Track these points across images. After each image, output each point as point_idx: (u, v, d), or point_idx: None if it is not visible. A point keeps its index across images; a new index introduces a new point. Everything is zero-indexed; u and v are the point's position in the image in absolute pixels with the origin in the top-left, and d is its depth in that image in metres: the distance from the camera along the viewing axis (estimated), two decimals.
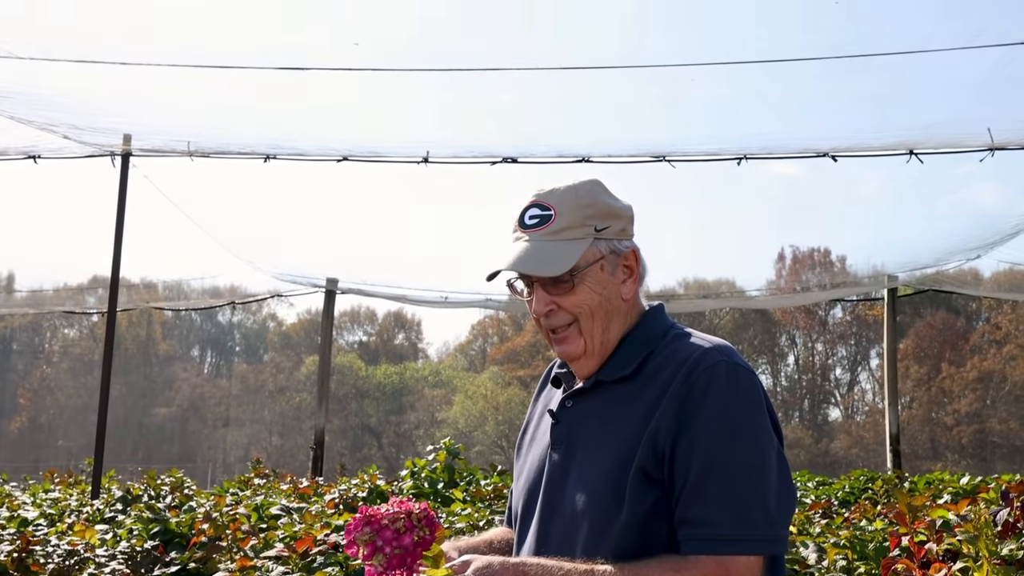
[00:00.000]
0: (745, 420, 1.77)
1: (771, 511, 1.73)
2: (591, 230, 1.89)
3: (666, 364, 1.85)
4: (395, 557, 1.58)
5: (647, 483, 1.76)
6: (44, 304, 17.09)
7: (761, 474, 1.74)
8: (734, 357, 1.84)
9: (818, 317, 44.62)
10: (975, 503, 4.24)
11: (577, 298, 1.89)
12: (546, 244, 1.87)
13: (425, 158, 9.30)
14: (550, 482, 1.91)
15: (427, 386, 49.42)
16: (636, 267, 1.95)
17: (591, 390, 1.94)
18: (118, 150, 9.22)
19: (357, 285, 13.00)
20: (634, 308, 1.97)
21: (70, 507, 7.50)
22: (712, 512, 1.70)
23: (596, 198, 1.92)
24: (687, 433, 1.74)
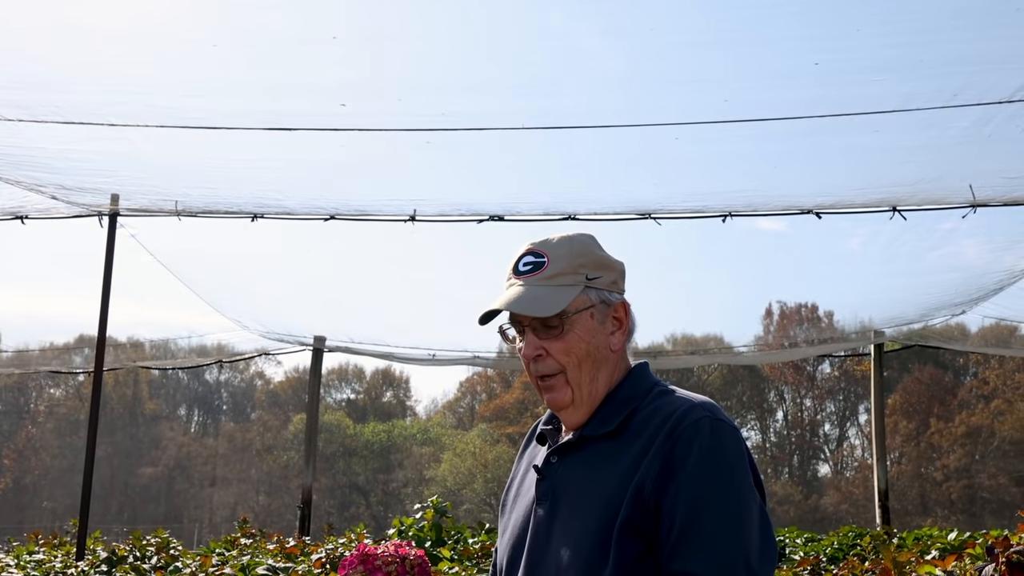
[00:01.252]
0: (728, 475, 1.80)
1: (753, 565, 1.75)
2: (583, 278, 1.94)
3: (651, 420, 1.87)
4: None
5: (632, 536, 1.78)
6: (30, 364, 17.00)
7: (743, 528, 1.77)
8: (717, 413, 1.86)
9: (806, 372, 44.68)
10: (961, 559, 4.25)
11: (566, 344, 1.92)
12: (538, 288, 1.92)
13: (412, 216, 9.37)
14: (535, 537, 1.93)
15: (415, 444, 49.15)
16: (625, 320, 1.99)
17: (576, 445, 1.96)
18: (105, 210, 9.27)
19: (344, 343, 12.99)
20: (621, 363, 2.01)
21: (55, 569, 7.42)
22: (695, 564, 1.72)
23: (589, 249, 1.99)
24: (671, 487, 1.77)
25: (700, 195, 9.01)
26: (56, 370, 17.93)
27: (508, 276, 2.00)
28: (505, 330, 2.01)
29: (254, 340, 13.52)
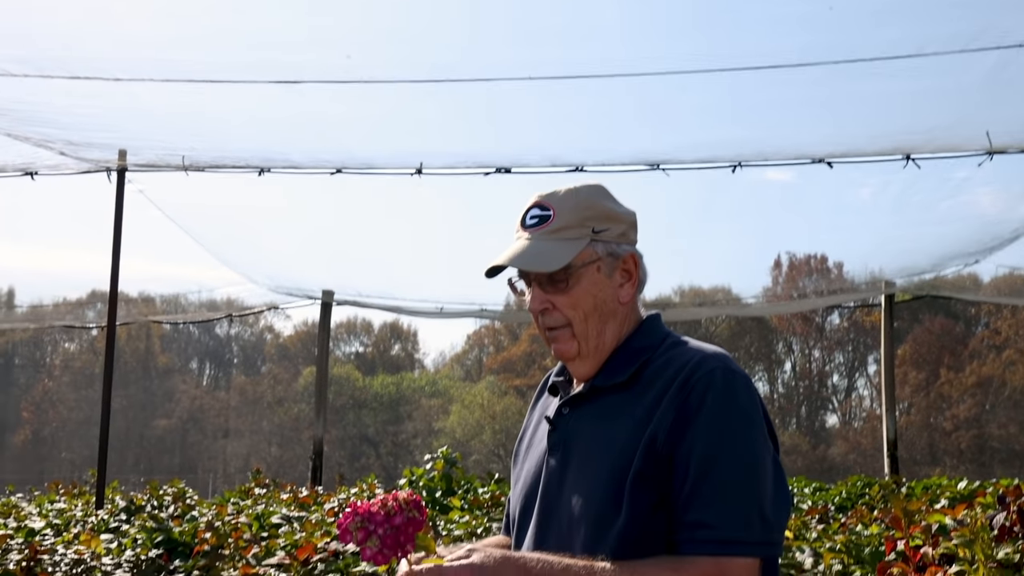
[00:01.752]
0: (742, 426, 1.80)
1: (767, 515, 1.76)
2: (588, 231, 1.92)
3: (663, 371, 1.87)
4: (388, 536, 1.63)
5: (645, 488, 1.78)
6: (44, 319, 17.10)
7: (757, 479, 1.78)
8: (730, 364, 1.86)
9: (815, 323, 44.64)
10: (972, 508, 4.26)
11: (572, 298, 1.92)
12: (543, 242, 1.91)
13: (419, 169, 9.34)
14: (547, 488, 1.93)
15: (424, 396, 49.43)
16: (635, 271, 1.98)
17: (587, 397, 1.96)
18: (113, 165, 9.26)
19: (353, 297, 13.02)
20: (632, 314, 2.00)
21: (75, 517, 7.53)
22: (709, 515, 1.73)
23: (596, 201, 1.96)
24: (685, 438, 1.77)
25: (709, 145, 8.95)
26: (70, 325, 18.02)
27: (516, 228, 1.99)
28: (514, 283, 2.01)
29: (263, 294, 13.57)
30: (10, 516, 7.28)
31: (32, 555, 4.53)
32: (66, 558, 4.57)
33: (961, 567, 3.52)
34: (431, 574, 1.67)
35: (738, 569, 1.72)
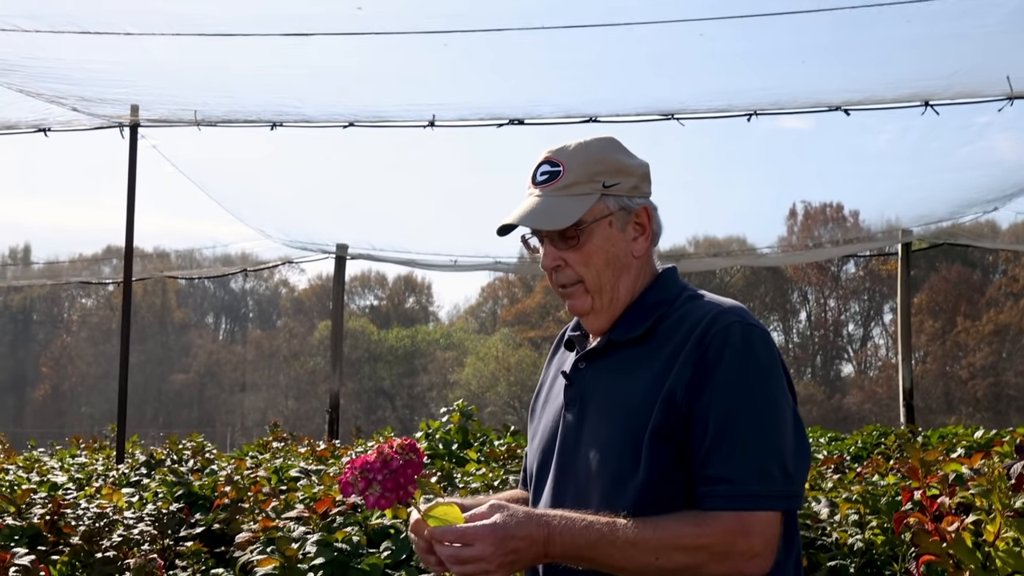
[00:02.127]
0: (761, 379, 1.79)
1: (788, 467, 1.76)
2: (599, 186, 1.90)
3: (679, 325, 1.86)
4: (388, 481, 1.65)
5: (664, 443, 1.78)
6: (61, 275, 17.20)
7: (778, 432, 1.77)
8: (748, 318, 1.85)
9: (831, 273, 44.51)
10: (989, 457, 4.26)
11: (584, 254, 1.91)
12: (553, 199, 1.90)
13: (431, 121, 9.29)
14: (564, 443, 1.93)
15: (439, 349, 49.64)
16: (648, 225, 1.96)
17: (604, 351, 1.95)
18: (126, 121, 9.25)
19: (367, 250, 13.02)
20: (647, 268, 1.98)
21: (97, 472, 7.63)
22: (730, 469, 1.73)
23: (606, 155, 1.94)
24: (704, 393, 1.77)
25: (725, 94, 8.86)
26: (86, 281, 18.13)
27: (527, 185, 1.96)
28: (527, 240, 1.99)
29: (277, 249, 13.59)
30: (33, 471, 7.37)
31: (55, 509, 4.59)
32: (88, 512, 4.63)
33: (978, 516, 3.52)
34: (452, 535, 1.67)
35: (760, 522, 1.72)
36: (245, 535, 4.23)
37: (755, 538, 1.71)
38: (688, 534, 1.70)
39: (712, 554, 1.70)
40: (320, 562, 3.98)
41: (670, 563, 1.70)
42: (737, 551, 1.71)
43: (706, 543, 1.70)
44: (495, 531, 1.66)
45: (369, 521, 4.46)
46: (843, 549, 4.02)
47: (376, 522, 4.43)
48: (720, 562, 1.71)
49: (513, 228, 1.96)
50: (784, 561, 1.81)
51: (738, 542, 1.70)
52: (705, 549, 1.70)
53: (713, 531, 1.70)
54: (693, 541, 1.70)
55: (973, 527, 3.53)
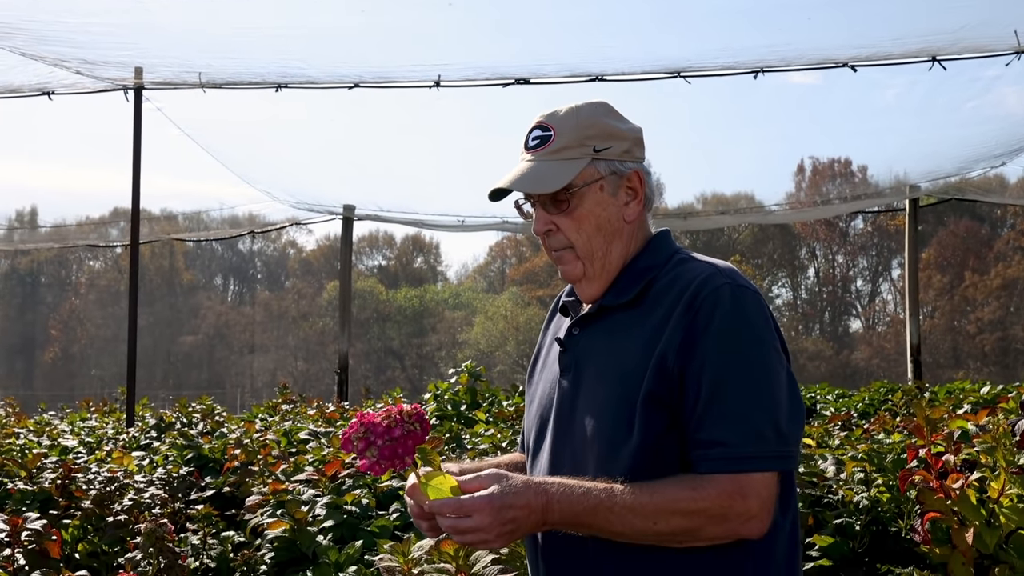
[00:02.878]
0: (752, 341, 1.78)
1: (782, 428, 1.75)
2: (589, 150, 1.90)
3: (670, 288, 1.85)
4: (386, 448, 1.67)
5: (657, 408, 1.78)
6: (68, 238, 17.23)
7: (771, 393, 1.76)
8: (738, 279, 1.84)
9: (839, 228, 44.38)
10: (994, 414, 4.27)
11: (575, 219, 1.90)
12: (544, 163, 1.89)
13: (437, 82, 9.25)
14: (560, 409, 1.94)
15: (447, 308, 49.73)
16: (640, 189, 1.94)
17: (596, 316, 1.95)
18: (130, 84, 9.22)
19: (373, 211, 13.02)
20: (639, 232, 1.97)
21: (107, 435, 7.67)
22: (724, 432, 1.72)
23: (597, 119, 1.93)
24: (695, 357, 1.76)
25: (731, 51, 8.79)
26: (94, 244, 18.15)
27: (520, 150, 1.96)
28: (520, 205, 1.98)
29: (284, 210, 13.60)
30: (43, 435, 7.42)
31: (66, 473, 4.63)
32: (99, 476, 4.67)
33: (983, 473, 3.54)
34: (449, 507, 1.69)
35: (756, 484, 1.72)
36: (255, 498, 4.27)
37: (751, 500, 1.72)
38: (685, 498, 1.71)
39: (709, 517, 1.71)
40: (330, 524, 4.01)
41: (668, 527, 1.71)
42: (734, 513, 1.72)
43: (703, 506, 1.71)
44: (492, 502, 1.67)
45: (378, 483, 4.50)
46: (849, 507, 4.04)
47: (385, 484, 4.47)
48: (717, 525, 1.72)
49: (506, 193, 1.96)
50: (781, 522, 1.81)
51: (734, 504, 1.71)
52: (702, 513, 1.71)
53: (709, 494, 1.71)
54: (690, 505, 1.71)
55: (977, 484, 3.54)
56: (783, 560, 1.83)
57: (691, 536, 1.73)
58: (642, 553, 1.77)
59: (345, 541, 3.93)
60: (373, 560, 3.50)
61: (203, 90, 9.43)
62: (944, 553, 3.43)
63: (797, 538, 1.87)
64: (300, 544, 3.89)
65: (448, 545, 2.55)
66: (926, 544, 3.51)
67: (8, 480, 5.08)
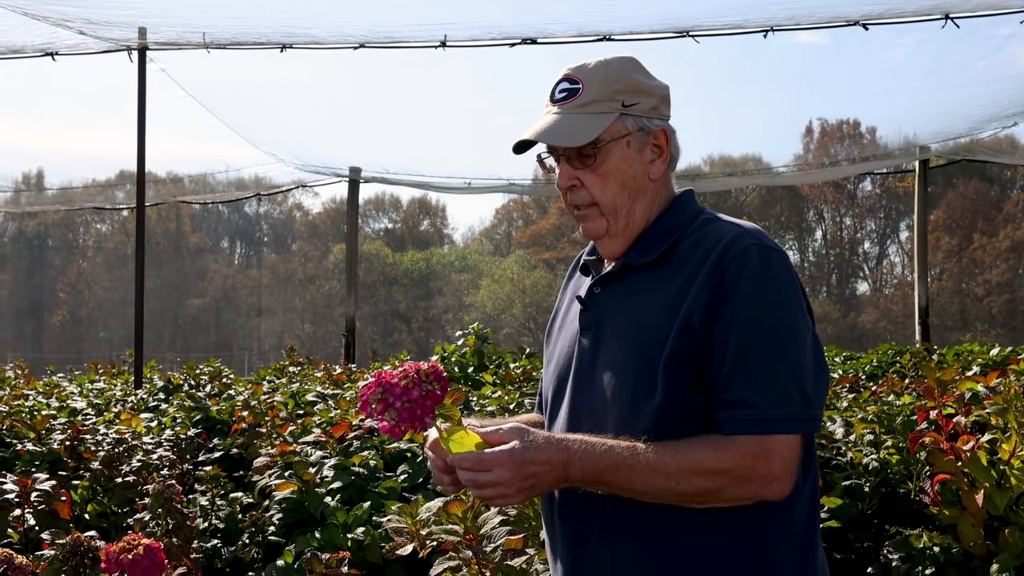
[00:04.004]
0: (779, 302, 1.77)
1: (808, 391, 1.74)
2: (618, 104, 1.87)
3: (696, 248, 1.84)
4: (404, 410, 1.65)
5: (681, 368, 1.76)
6: (74, 201, 17.19)
7: (797, 355, 1.75)
8: (765, 240, 1.83)
9: (847, 190, 44.20)
10: (1004, 375, 4.26)
11: (600, 174, 1.88)
12: (571, 117, 1.87)
13: (443, 42, 9.17)
14: (579, 367, 1.92)
15: (454, 271, 49.76)
16: (666, 147, 1.93)
17: (619, 275, 1.93)
18: (134, 44, 9.15)
19: (380, 173, 12.97)
20: (663, 191, 1.95)
21: (115, 397, 7.69)
22: (750, 393, 1.72)
23: (626, 74, 1.91)
24: (722, 317, 1.75)
25: (740, 9, 8.68)
26: (100, 206, 18.12)
27: (545, 103, 1.93)
28: (543, 159, 1.95)
29: (290, 172, 13.55)
30: (52, 396, 7.44)
31: (75, 435, 4.64)
32: (108, 437, 4.68)
33: (993, 435, 3.53)
34: (470, 461, 1.68)
35: (780, 446, 1.72)
36: (263, 459, 4.27)
37: (775, 462, 1.71)
38: (708, 458, 1.70)
39: (732, 478, 1.71)
40: (337, 486, 4.02)
41: (690, 487, 1.71)
42: (757, 475, 1.71)
43: (726, 467, 1.70)
44: (513, 456, 1.66)
45: (386, 445, 4.50)
46: (858, 468, 4.04)
47: (392, 446, 4.47)
48: (740, 486, 1.72)
49: (530, 146, 1.93)
50: (802, 485, 1.81)
51: (758, 466, 1.71)
52: (725, 473, 1.71)
53: (733, 455, 1.70)
54: (713, 465, 1.70)
55: (988, 446, 3.53)
56: (802, 523, 1.82)
57: (713, 497, 1.73)
58: (661, 513, 1.76)
59: (353, 503, 3.94)
60: (381, 521, 3.51)
61: (207, 51, 9.37)
62: (954, 515, 3.42)
63: (817, 501, 1.86)
64: (308, 505, 3.89)
65: (456, 506, 2.55)
66: (935, 506, 3.51)
67: (17, 441, 5.10)
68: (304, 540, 3.59)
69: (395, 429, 1.67)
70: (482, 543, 2.47)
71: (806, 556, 1.82)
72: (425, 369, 1.68)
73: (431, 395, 1.66)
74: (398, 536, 2.64)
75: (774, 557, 1.78)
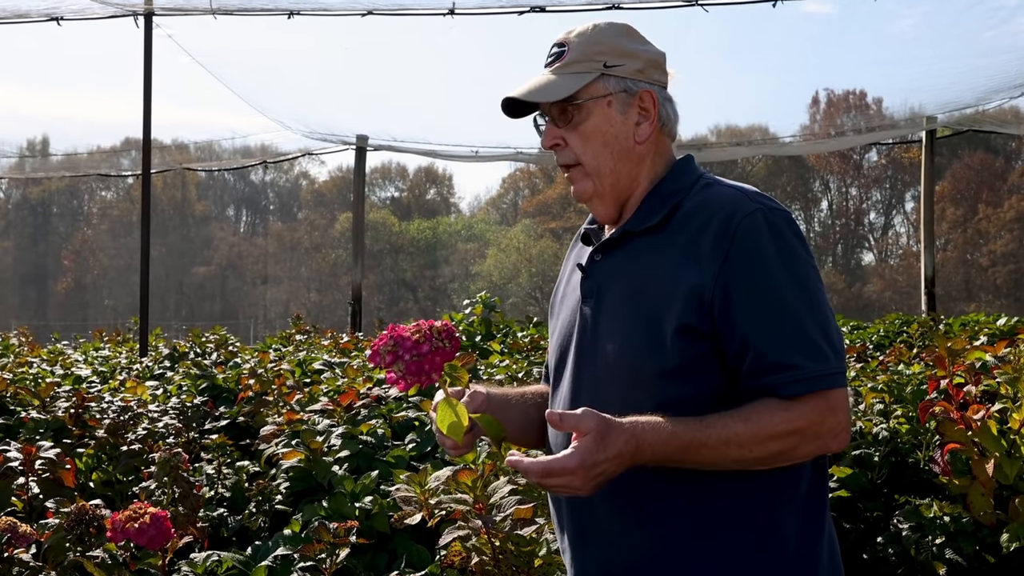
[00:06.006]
0: (793, 261, 1.77)
1: (836, 344, 1.76)
2: (599, 65, 1.89)
3: (697, 212, 1.82)
4: (413, 364, 1.66)
5: (694, 338, 1.75)
6: (79, 167, 17.15)
7: (821, 310, 1.76)
8: (768, 202, 1.81)
9: (853, 161, 44.08)
10: (1013, 344, 4.23)
11: (581, 133, 1.90)
12: (554, 76, 1.91)
13: (451, 9, 9.09)
14: (582, 336, 1.91)
15: (460, 240, 49.74)
16: (652, 109, 1.92)
17: (619, 241, 1.92)
18: (140, 9, 9.09)
19: (387, 141, 12.92)
20: (659, 157, 1.95)
21: (120, 365, 7.67)
22: (792, 354, 1.72)
23: (612, 37, 1.93)
24: (738, 285, 1.73)
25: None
26: (105, 173, 18.09)
27: None
28: (537, 123, 1.98)
29: (297, 140, 13.50)
30: (57, 364, 7.42)
31: (80, 402, 4.63)
32: (113, 405, 4.66)
33: (1004, 404, 3.51)
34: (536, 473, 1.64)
35: (840, 397, 1.74)
36: (270, 428, 4.26)
37: (840, 413, 1.74)
38: (780, 420, 1.71)
39: (803, 436, 1.72)
40: (345, 455, 4.01)
41: (764, 452, 1.72)
42: (826, 428, 1.73)
43: (799, 426, 1.71)
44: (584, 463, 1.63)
45: (394, 414, 4.49)
46: (867, 438, 4.02)
47: (401, 415, 4.46)
48: (810, 442, 1.73)
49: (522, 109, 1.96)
50: None
51: (827, 420, 1.72)
52: (798, 432, 1.71)
53: (802, 413, 1.71)
54: (787, 427, 1.71)
55: (998, 415, 3.51)
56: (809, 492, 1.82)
57: (783, 458, 1.74)
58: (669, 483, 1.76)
59: (361, 471, 3.92)
60: (389, 490, 3.50)
61: (214, 16, 9.30)
62: (963, 484, 3.41)
63: (825, 470, 1.87)
64: (315, 474, 3.88)
65: (466, 475, 2.54)
66: (945, 475, 3.49)
67: (21, 409, 5.09)
68: (311, 509, 3.58)
69: (401, 381, 1.68)
70: (491, 512, 2.45)
71: (813, 524, 1.82)
72: (438, 326, 1.69)
73: (440, 351, 1.67)
74: (406, 505, 2.63)
75: (780, 525, 1.78)
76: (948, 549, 3.34)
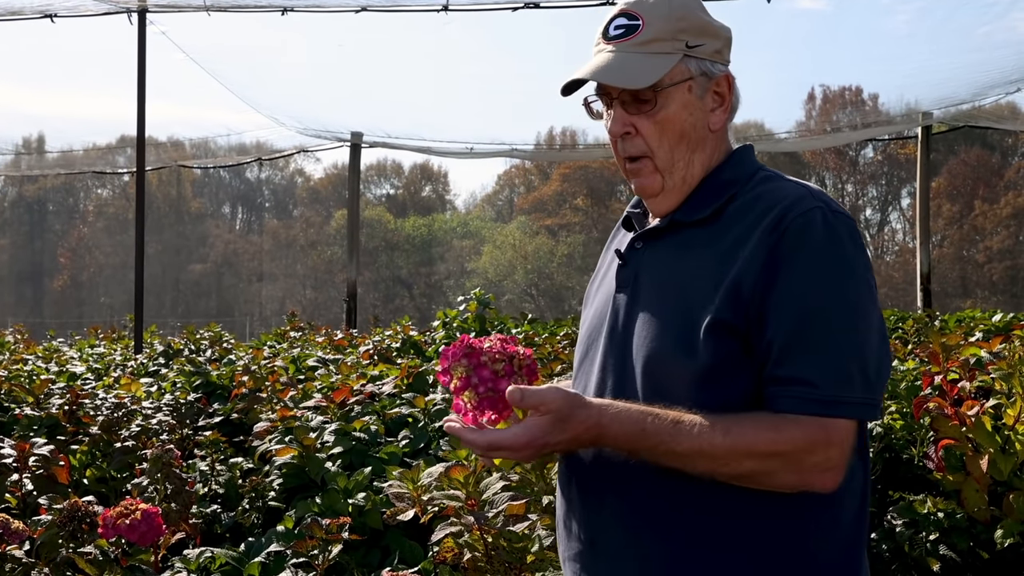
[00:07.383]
0: (844, 272, 1.59)
1: (870, 373, 1.56)
2: (682, 45, 1.68)
3: (752, 207, 1.66)
4: (486, 399, 1.52)
5: (725, 334, 1.59)
6: (75, 165, 17.12)
7: (860, 333, 1.57)
8: (831, 204, 1.63)
9: (848, 157, 44.07)
10: (1008, 340, 4.23)
11: (658, 122, 1.69)
12: (631, 55, 1.68)
13: (445, 6, 9.08)
14: (613, 326, 1.74)
15: (455, 237, 49.70)
16: (728, 95, 1.74)
17: (665, 231, 1.75)
18: (133, 6, 9.07)
19: (382, 138, 12.91)
20: (721, 144, 1.77)
21: (115, 362, 7.67)
22: (809, 370, 1.54)
23: (690, 11, 1.72)
24: (779, 285, 1.57)
25: None
26: (100, 171, 18.04)
27: (596, 41, 1.74)
28: (591, 103, 1.76)
29: (292, 137, 13.48)
30: (51, 361, 7.42)
31: (74, 399, 4.62)
32: (107, 402, 4.66)
33: (998, 400, 3.50)
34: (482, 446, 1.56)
35: (841, 431, 1.55)
36: (263, 424, 4.26)
37: (834, 449, 1.55)
38: (764, 440, 1.53)
39: (785, 462, 1.54)
40: (338, 451, 4.00)
41: (737, 470, 1.55)
42: (813, 461, 1.54)
43: (782, 449, 1.53)
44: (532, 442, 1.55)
45: (387, 410, 4.48)
46: None
47: (394, 411, 4.45)
48: (792, 471, 1.55)
49: (580, 86, 1.73)
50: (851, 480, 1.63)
51: (816, 451, 1.54)
52: (779, 456, 1.54)
53: (791, 437, 1.53)
54: (769, 447, 1.54)
55: (993, 411, 3.51)
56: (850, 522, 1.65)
57: (756, 480, 1.56)
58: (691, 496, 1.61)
59: (354, 468, 3.92)
60: (382, 487, 3.49)
61: (208, 13, 9.28)
62: (958, 480, 3.40)
63: (867, 500, 1.68)
64: (309, 471, 3.88)
65: (458, 472, 2.53)
66: (940, 471, 3.49)
67: (16, 406, 5.08)
68: (304, 505, 3.58)
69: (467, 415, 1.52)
70: (484, 508, 2.45)
71: (851, 560, 1.65)
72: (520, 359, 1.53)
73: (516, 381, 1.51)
74: (399, 501, 2.63)
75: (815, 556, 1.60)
76: (942, 545, 3.34)
